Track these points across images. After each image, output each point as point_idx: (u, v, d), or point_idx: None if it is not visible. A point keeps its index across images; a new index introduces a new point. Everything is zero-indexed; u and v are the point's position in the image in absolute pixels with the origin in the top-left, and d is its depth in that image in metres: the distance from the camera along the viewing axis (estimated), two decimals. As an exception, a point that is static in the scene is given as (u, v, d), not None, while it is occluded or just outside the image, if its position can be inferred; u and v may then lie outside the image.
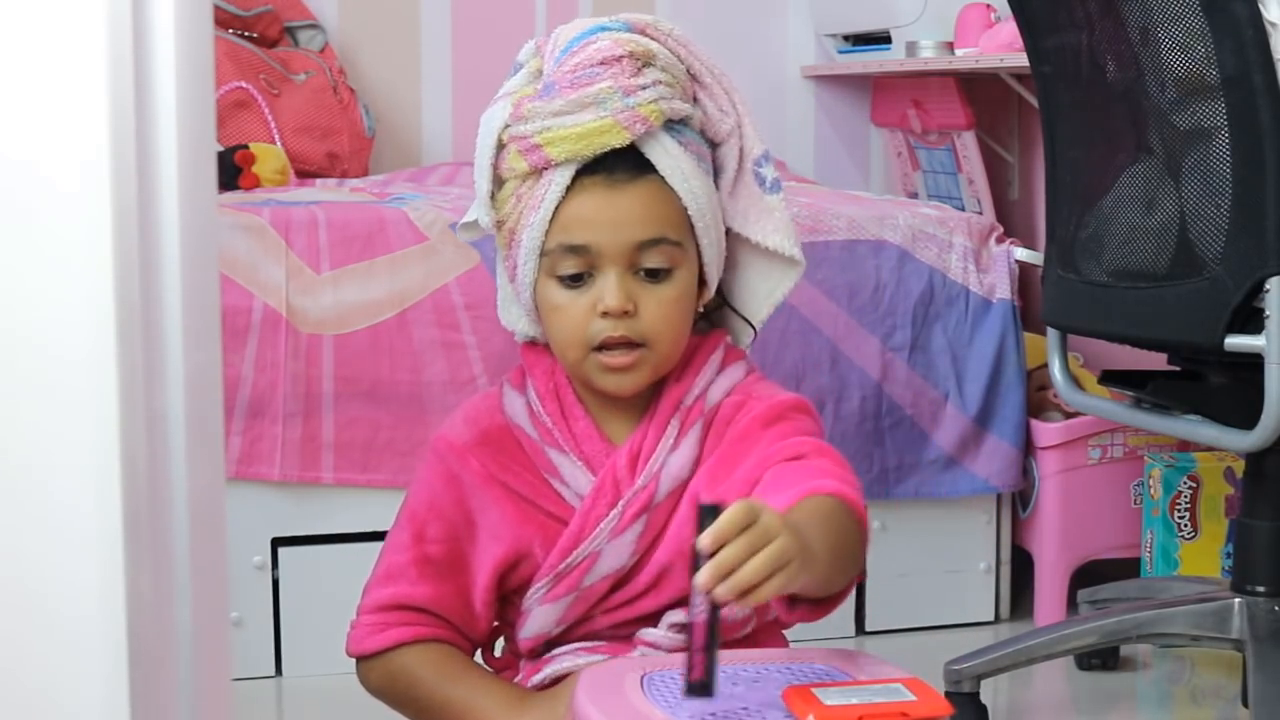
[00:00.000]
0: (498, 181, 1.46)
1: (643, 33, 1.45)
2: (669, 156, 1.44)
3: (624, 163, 1.42)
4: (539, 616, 1.48)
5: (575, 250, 1.42)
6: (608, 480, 1.46)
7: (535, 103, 1.43)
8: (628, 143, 1.41)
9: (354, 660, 1.52)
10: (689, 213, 1.45)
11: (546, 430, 1.49)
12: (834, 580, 1.29)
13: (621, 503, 1.45)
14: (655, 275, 1.44)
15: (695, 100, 1.49)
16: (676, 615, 1.44)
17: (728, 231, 1.52)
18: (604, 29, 1.45)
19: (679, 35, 1.48)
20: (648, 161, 1.43)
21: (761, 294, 1.56)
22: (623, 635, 1.48)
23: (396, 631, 1.47)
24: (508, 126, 1.44)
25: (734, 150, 1.50)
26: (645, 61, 1.43)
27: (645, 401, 1.49)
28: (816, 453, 1.42)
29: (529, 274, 1.45)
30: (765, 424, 1.46)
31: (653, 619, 1.48)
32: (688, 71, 1.48)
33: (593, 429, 1.49)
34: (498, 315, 1.58)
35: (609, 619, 1.48)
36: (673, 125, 1.45)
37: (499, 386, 1.54)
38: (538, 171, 1.42)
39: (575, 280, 1.43)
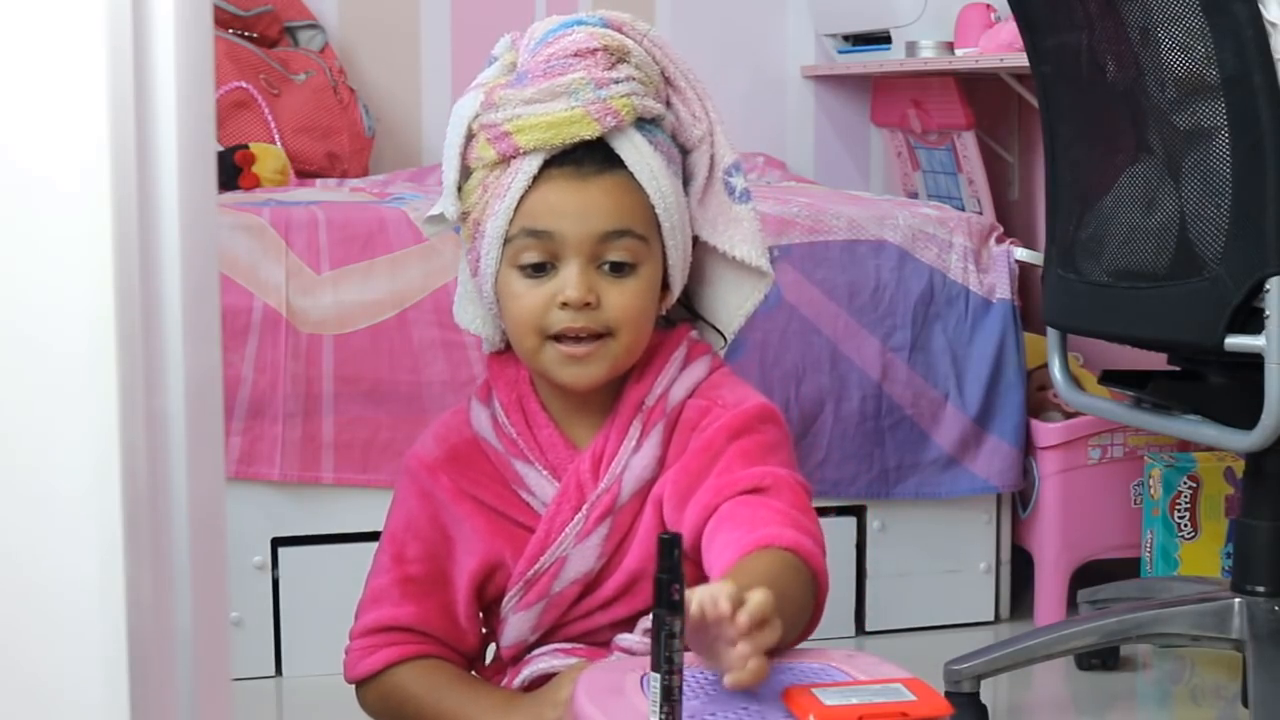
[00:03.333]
0: (465, 172, 1.46)
1: (619, 30, 1.45)
2: (638, 153, 1.43)
3: (592, 156, 1.42)
4: (515, 624, 1.48)
5: (538, 235, 1.41)
6: (571, 485, 1.46)
7: (506, 90, 1.43)
8: (598, 135, 1.41)
9: (353, 686, 1.53)
10: (656, 211, 1.44)
11: (511, 442, 1.48)
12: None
13: (585, 506, 1.45)
14: (619, 269, 1.43)
15: (668, 104, 1.48)
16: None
17: (697, 241, 1.51)
18: (580, 23, 1.45)
19: (655, 37, 1.48)
20: (616, 156, 1.42)
21: (732, 305, 1.55)
22: (599, 641, 1.48)
23: (385, 653, 1.48)
24: (478, 116, 1.44)
25: (705, 158, 1.49)
26: (619, 57, 1.43)
27: (608, 403, 1.48)
28: (777, 487, 1.38)
29: (491, 264, 1.44)
30: (731, 436, 1.43)
31: (627, 624, 1.48)
32: (662, 74, 1.48)
33: (557, 436, 1.48)
34: (454, 315, 1.57)
35: (583, 625, 1.48)
36: (644, 124, 1.44)
37: (466, 401, 1.54)
38: (505, 160, 1.42)
39: (537, 270, 1.42)
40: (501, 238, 1.43)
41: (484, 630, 1.56)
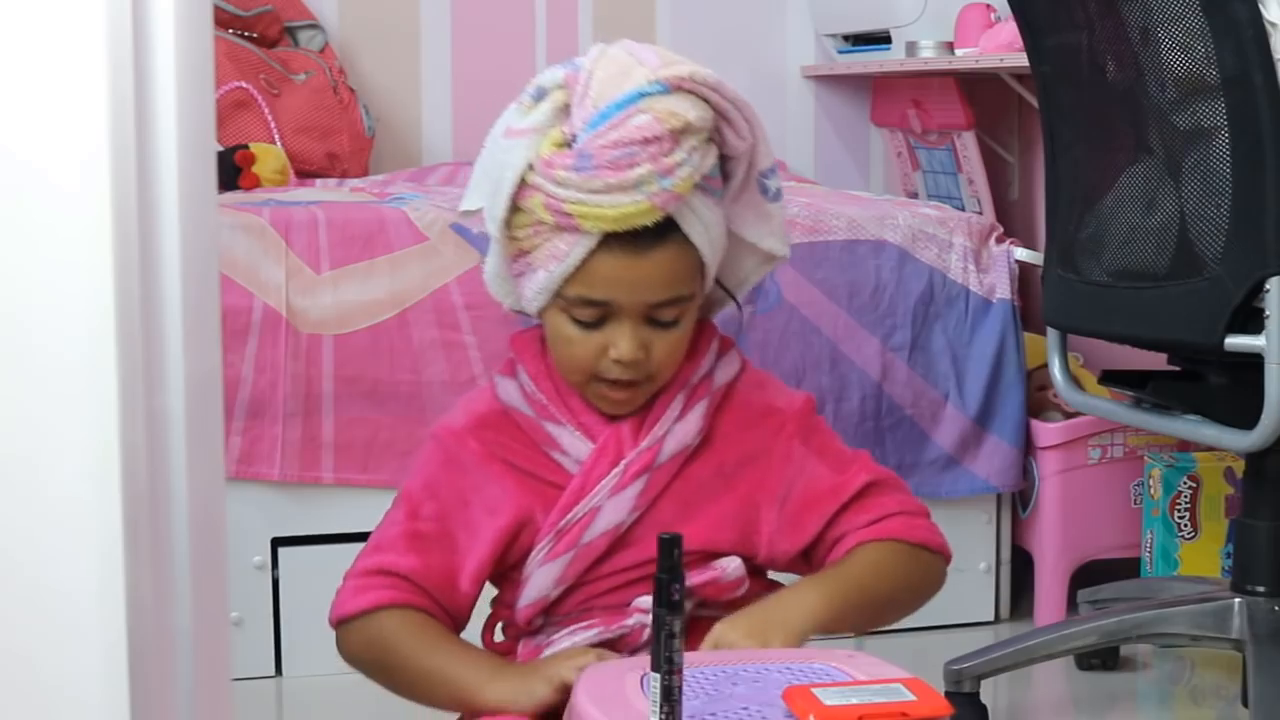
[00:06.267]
0: (513, 205, 1.46)
1: (678, 87, 1.43)
2: (695, 216, 1.45)
3: (649, 227, 1.43)
4: (539, 579, 1.49)
5: (593, 303, 1.45)
6: (611, 441, 1.49)
7: (570, 174, 1.41)
8: (660, 219, 1.43)
9: (335, 629, 1.52)
10: (704, 261, 1.48)
11: (542, 406, 1.51)
12: (881, 621, 1.54)
13: (624, 462, 1.48)
14: (666, 323, 1.47)
15: (719, 131, 1.48)
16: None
17: None
18: (642, 95, 1.42)
19: (711, 80, 1.45)
20: (672, 221, 1.44)
21: (743, 273, 1.58)
22: (618, 602, 1.49)
23: (378, 594, 1.49)
24: (532, 169, 1.43)
25: (744, 163, 1.50)
26: (681, 134, 1.43)
27: None
28: (876, 493, 1.53)
29: (540, 300, 1.47)
30: (803, 439, 1.54)
31: (647, 585, 1.49)
32: (715, 111, 1.47)
33: (587, 402, 1.51)
34: (487, 282, 1.57)
35: (605, 584, 1.50)
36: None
37: (490, 380, 1.56)
38: (561, 227, 1.44)
39: (589, 322, 1.46)
40: (554, 290, 1.45)
41: (494, 607, 1.56)
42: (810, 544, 1.51)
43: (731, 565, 1.49)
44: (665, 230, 1.43)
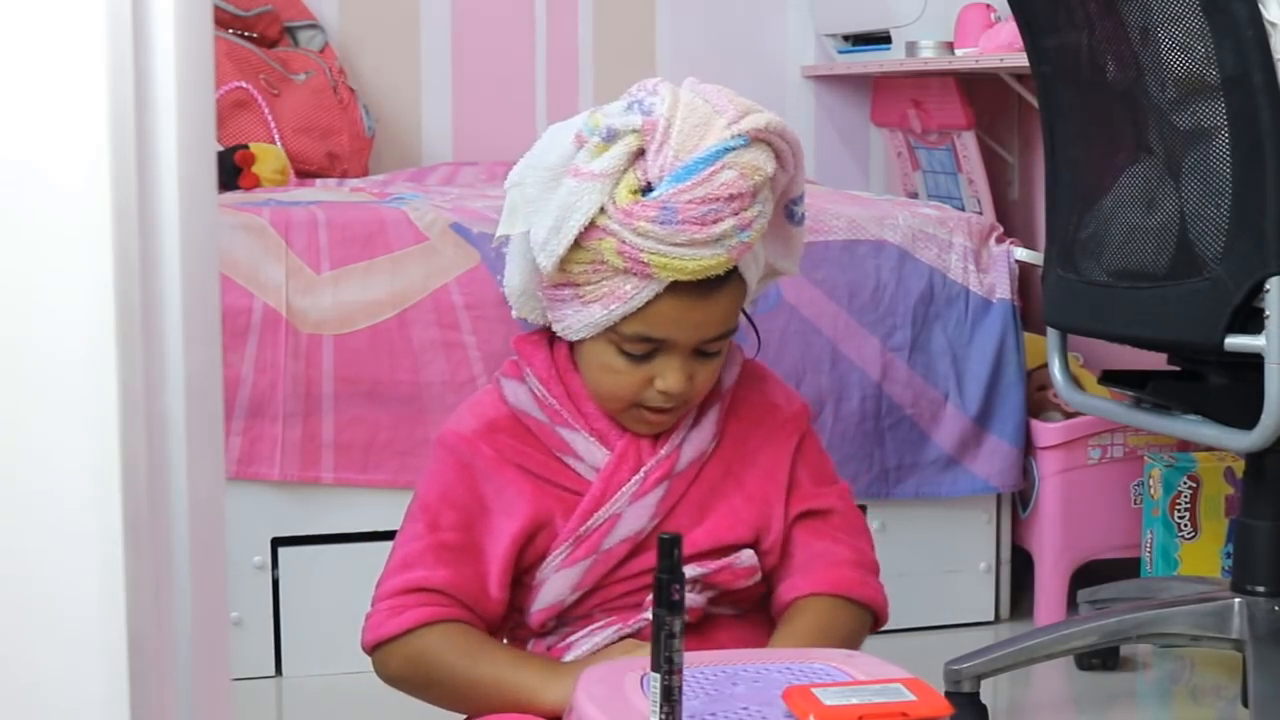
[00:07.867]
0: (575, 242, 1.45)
1: (755, 138, 1.42)
2: (754, 258, 1.48)
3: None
4: (556, 583, 1.49)
5: (650, 340, 1.46)
6: (630, 448, 1.50)
7: (653, 226, 1.41)
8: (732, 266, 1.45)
9: (370, 653, 1.50)
10: (750, 292, 1.52)
11: (554, 412, 1.51)
12: None
13: (644, 469, 1.50)
14: (711, 353, 1.50)
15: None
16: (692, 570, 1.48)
17: None
18: (727, 149, 1.41)
19: (779, 127, 1.46)
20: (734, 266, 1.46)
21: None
22: (633, 603, 1.50)
23: (416, 612, 1.46)
24: (604, 213, 1.42)
25: (777, 191, 1.51)
26: (762, 186, 1.44)
27: None
28: (842, 522, 1.57)
29: (587, 333, 1.47)
30: (798, 442, 1.57)
31: None
32: (775, 153, 1.47)
33: (600, 409, 1.52)
34: (508, 296, 1.56)
35: (623, 587, 1.51)
36: None
37: (494, 382, 1.56)
38: (629, 272, 1.44)
39: (638, 355, 1.47)
40: (609, 326, 1.46)
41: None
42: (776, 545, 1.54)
43: (745, 554, 1.51)
44: (728, 274, 1.46)
